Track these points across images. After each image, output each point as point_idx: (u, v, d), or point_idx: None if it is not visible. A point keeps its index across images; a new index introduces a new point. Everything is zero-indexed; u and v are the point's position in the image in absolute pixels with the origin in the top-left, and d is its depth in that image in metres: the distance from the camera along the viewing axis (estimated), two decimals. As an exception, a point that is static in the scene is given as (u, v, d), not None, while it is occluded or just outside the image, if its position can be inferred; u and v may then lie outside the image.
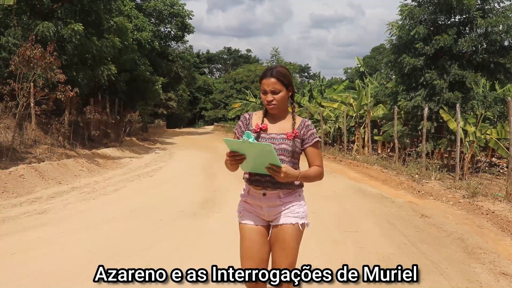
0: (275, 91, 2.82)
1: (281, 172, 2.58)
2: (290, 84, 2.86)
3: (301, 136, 2.88)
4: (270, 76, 2.82)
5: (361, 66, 28.33)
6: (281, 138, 2.84)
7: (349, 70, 62.50)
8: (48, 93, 12.82)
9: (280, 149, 2.80)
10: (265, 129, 2.88)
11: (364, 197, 9.31)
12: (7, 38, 14.68)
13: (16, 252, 5.23)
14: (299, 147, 2.87)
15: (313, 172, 2.85)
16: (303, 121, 2.92)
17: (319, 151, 2.94)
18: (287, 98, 2.90)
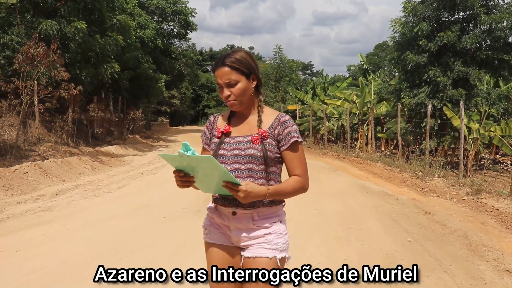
0: (231, 83, 2.24)
1: (240, 190, 2.03)
2: (252, 71, 2.28)
3: (276, 137, 2.27)
4: (222, 65, 2.24)
5: (364, 63, 28.29)
6: (247, 141, 2.27)
7: (352, 67, 62.45)
8: (52, 91, 12.85)
9: (246, 156, 2.23)
10: (228, 132, 2.33)
11: (367, 194, 9.30)
12: (10, 37, 14.72)
13: (21, 249, 5.25)
14: (274, 151, 2.26)
15: (290, 186, 2.21)
16: (278, 117, 2.29)
17: (300, 155, 2.29)
18: (249, 90, 2.29)
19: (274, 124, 2.28)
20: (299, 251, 5.27)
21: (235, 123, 2.36)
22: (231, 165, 2.24)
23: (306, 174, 2.28)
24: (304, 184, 2.27)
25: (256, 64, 2.33)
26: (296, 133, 2.26)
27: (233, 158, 2.25)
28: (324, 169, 13.57)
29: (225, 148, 2.29)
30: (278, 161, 2.30)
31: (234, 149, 2.26)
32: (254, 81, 2.31)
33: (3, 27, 15.27)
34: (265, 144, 2.24)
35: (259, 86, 2.35)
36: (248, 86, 2.27)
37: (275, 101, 28.37)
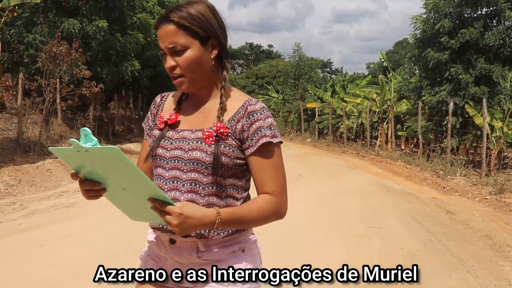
0: (176, 49, 1.49)
1: (172, 214, 1.30)
2: (212, 34, 1.52)
3: (239, 134, 1.51)
4: (165, 20, 1.50)
5: (384, 61, 28.07)
6: (196, 139, 1.51)
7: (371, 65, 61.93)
8: (74, 89, 13.05)
9: (190, 161, 1.49)
10: (173, 123, 1.59)
11: (387, 193, 9.23)
12: (34, 36, 14.97)
13: (45, 244, 5.34)
14: (235, 156, 1.51)
15: (255, 210, 1.47)
16: (245, 105, 1.53)
17: (275, 163, 1.53)
18: (206, 62, 1.53)
19: (237, 114, 1.52)
20: (319, 249, 5.27)
21: (187, 109, 1.63)
22: (169, 171, 1.52)
23: (283, 193, 1.53)
24: (278, 207, 1.51)
25: (221, 23, 1.56)
26: (271, 129, 1.51)
27: (173, 161, 1.52)
28: (344, 167, 13.51)
29: (165, 146, 1.55)
30: (242, 171, 1.56)
31: (175, 148, 1.53)
32: (215, 50, 1.54)
33: (27, 27, 15.53)
34: (221, 145, 1.49)
35: (222, 56, 1.58)
36: (203, 56, 1.51)
37: (294, 99, 28.31)
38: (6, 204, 7.43)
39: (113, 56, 17.56)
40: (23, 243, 5.38)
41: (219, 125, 1.50)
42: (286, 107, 29.18)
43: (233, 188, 1.55)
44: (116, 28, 17.24)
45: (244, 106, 1.53)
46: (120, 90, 20.48)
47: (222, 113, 1.53)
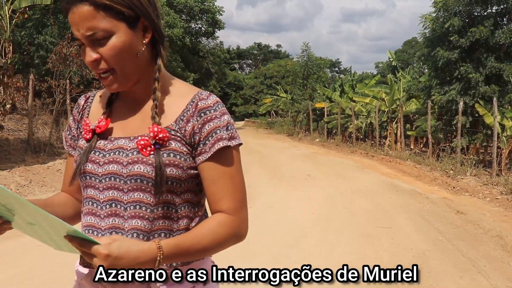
0: (97, 36, 1.13)
1: (98, 255, 1.02)
2: (142, 11, 1.18)
3: (190, 137, 1.21)
4: (78, 0, 1.12)
5: (393, 60, 27.92)
6: (135, 149, 1.19)
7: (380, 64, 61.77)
8: (83, 89, 13.13)
9: (131, 177, 1.17)
10: (103, 131, 1.25)
11: (397, 193, 9.19)
12: (44, 37, 15.11)
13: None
14: (187, 165, 1.21)
15: (209, 235, 1.18)
16: (195, 100, 1.22)
17: (232, 172, 1.23)
18: (139, 48, 1.19)
19: (186, 113, 1.21)
20: (329, 249, 5.26)
21: (120, 111, 1.30)
22: (104, 192, 1.21)
23: (241, 209, 1.24)
24: (235, 229, 1.22)
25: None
26: (228, 130, 1.21)
27: (108, 179, 1.20)
28: (353, 167, 13.47)
29: (96, 159, 1.22)
30: (197, 183, 1.26)
31: (110, 162, 1.20)
32: (147, 33, 1.21)
33: (37, 28, 15.67)
34: (167, 153, 1.18)
35: (157, 41, 1.24)
36: (132, 42, 1.17)
37: (303, 98, 28.26)
38: (17, 204, 7.49)
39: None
40: (34, 243, 5.39)
41: (156, 129, 1.17)
42: (294, 107, 29.14)
43: (189, 206, 1.25)
44: (125, 29, 17.35)
45: (193, 102, 1.21)
46: (129, 91, 20.59)
47: (158, 112, 1.21)
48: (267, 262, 4.66)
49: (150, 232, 1.19)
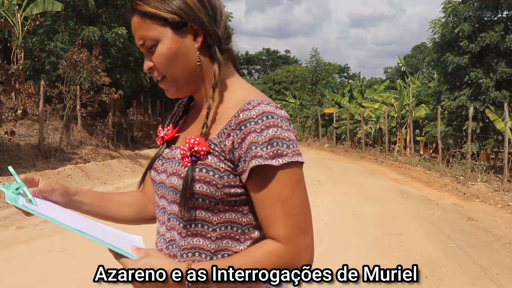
0: (147, 45, 1.15)
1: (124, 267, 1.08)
2: (190, 18, 1.13)
3: (229, 153, 1.09)
4: (131, 12, 1.17)
5: (402, 65, 27.86)
6: (179, 160, 1.14)
7: (389, 69, 61.53)
8: (93, 95, 13.24)
9: (170, 190, 1.15)
10: (170, 139, 1.26)
11: (407, 199, 9.14)
12: (55, 43, 15.25)
13: (66, 250, 5.41)
14: (226, 182, 1.09)
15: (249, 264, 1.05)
16: (239, 111, 1.08)
17: (282, 193, 1.06)
18: (187, 55, 1.15)
19: (228, 125, 1.10)
20: (338, 255, 5.24)
21: (188, 119, 1.29)
22: (160, 199, 1.23)
23: (297, 237, 1.08)
24: (288, 259, 1.07)
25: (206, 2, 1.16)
26: (271, 146, 1.04)
27: (160, 188, 1.21)
28: (362, 173, 13.42)
29: (157, 167, 1.24)
30: (246, 202, 1.12)
31: (162, 172, 1.20)
32: (199, 37, 1.15)
33: (48, 35, 15.83)
34: (198, 168, 1.09)
35: (210, 45, 1.17)
36: (179, 48, 1.14)
37: (312, 104, 28.25)
38: (28, 209, 7.55)
39: (132, 62, 17.77)
40: (45, 248, 5.46)
41: (193, 140, 1.09)
42: (303, 113, 29.14)
43: (232, 227, 1.13)
44: (135, 35, 17.47)
45: (237, 113, 1.08)
46: (139, 96, 20.69)
47: (210, 123, 1.14)
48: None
49: (183, 249, 1.14)
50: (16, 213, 7.21)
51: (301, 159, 1.08)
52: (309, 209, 1.11)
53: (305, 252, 1.09)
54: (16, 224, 6.64)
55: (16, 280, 4.35)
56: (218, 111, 1.15)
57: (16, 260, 4.98)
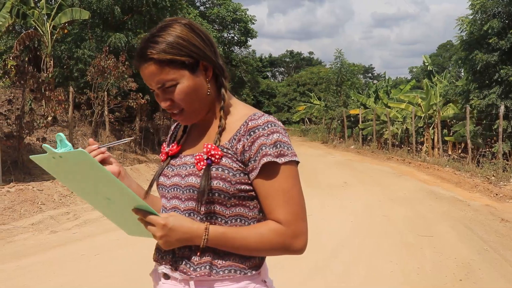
0: (165, 86, 1.31)
1: (156, 224, 1.22)
2: (200, 56, 1.33)
3: (240, 155, 1.31)
4: (143, 59, 1.31)
5: (428, 64, 27.43)
6: (193, 164, 1.34)
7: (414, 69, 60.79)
8: (121, 101, 13.44)
9: (187, 188, 1.32)
10: (175, 153, 1.44)
11: (437, 200, 9.00)
12: (83, 51, 15.55)
13: (99, 253, 5.50)
14: (236, 181, 1.30)
15: (257, 235, 1.28)
16: (247, 120, 1.32)
17: (285, 187, 1.29)
18: (202, 88, 1.35)
19: (238, 133, 1.32)
20: (370, 258, 5.19)
21: (192, 133, 1.48)
22: (170, 201, 1.38)
23: (296, 222, 1.28)
24: (287, 239, 1.28)
25: (205, 39, 1.36)
26: (275, 147, 1.27)
27: (172, 189, 1.38)
28: (390, 174, 13.27)
29: (167, 173, 1.42)
30: (252, 198, 1.34)
31: (175, 175, 1.38)
32: (208, 71, 1.36)
33: (76, 42, 16.15)
34: (218, 168, 1.29)
35: (218, 75, 1.39)
36: (196, 84, 1.33)
37: (337, 105, 28.08)
38: (61, 214, 7.70)
39: (157, 67, 18.00)
40: (78, 252, 5.56)
41: (210, 146, 1.30)
42: (328, 114, 28.98)
43: (241, 220, 1.33)
44: (160, 40, 17.71)
45: (245, 123, 1.32)
46: (165, 101, 20.91)
47: (220, 136, 1.35)
48: (307, 272, 4.63)
49: None
50: (49, 217, 7.38)
51: (297, 159, 1.32)
52: (304, 200, 1.33)
53: (302, 236, 1.29)
54: (50, 228, 6.79)
55: (50, 284, 4.44)
56: (225, 123, 1.37)
57: (50, 264, 5.08)
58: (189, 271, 1.30)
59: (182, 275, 1.31)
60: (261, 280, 1.35)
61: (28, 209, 7.72)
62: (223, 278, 1.29)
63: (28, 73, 10.21)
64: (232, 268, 1.30)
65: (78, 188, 1.32)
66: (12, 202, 7.74)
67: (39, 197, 8.27)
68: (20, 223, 7.03)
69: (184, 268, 1.31)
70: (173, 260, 1.33)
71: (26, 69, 10.24)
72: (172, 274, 1.33)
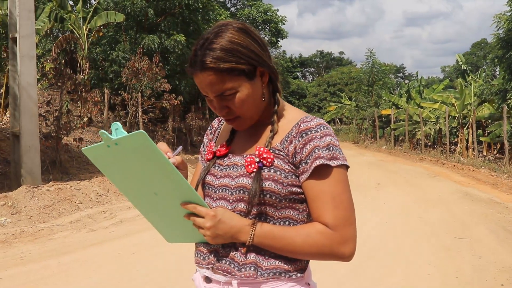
0: (224, 94, 1.29)
1: (206, 215, 1.21)
2: (257, 62, 1.30)
3: (292, 157, 1.30)
4: (201, 68, 1.26)
5: (462, 63, 26.88)
6: (243, 165, 1.33)
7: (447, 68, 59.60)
8: (154, 102, 13.65)
9: (237, 189, 1.31)
10: (223, 154, 1.41)
11: (473, 202, 8.82)
12: (117, 53, 15.88)
13: (136, 252, 5.61)
14: (288, 182, 1.29)
15: (300, 237, 1.25)
16: (299, 122, 1.32)
17: (335, 190, 1.27)
18: (259, 94, 1.34)
19: (290, 135, 1.32)
20: (407, 260, 5.14)
21: (243, 134, 1.44)
22: (216, 201, 1.36)
23: (344, 227, 1.25)
24: (334, 243, 1.25)
25: (261, 43, 1.34)
26: (329, 150, 1.27)
27: (221, 190, 1.35)
28: (423, 175, 13.07)
29: (215, 173, 1.39)
30: (302, 201, 1.33)
31: (225, 176, 1.36)
32: (265, 76, 1.34)
33: (110, 45, 16.49)
34: (266, 170, 1.29)
35: (273, 79, 1.38)
36: (253, 91, 1.31)
37: (368, 106, 27.81)
38: (98, 212, 7.88)
39: (190, 68, 18.23)
40: (116, 251, 5.69)
41: (262, 149, 1.29)
42: (360, 114, 28.74)
43: (289, 223, 1.31)
44: (193, 41, 17.86)
45: (297, 125, 1.31)
46: (197, 102, 21.12)
47: (272, 139, 1.33)
48: (343, 273, 4.62)
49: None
50: (87, 216, 7.56)
51: (348, 164, 1.31)
52: (354, 206, 1.30)
53: (350, 242, 1.26)
54: (88, 227, 6.96)
55: (88, 282, 4.54)
56: (277, 126, 1.36)
57: (88, 262, 5.21)
58: (234, 271, 1.28)
59: (225, 276, 1.30)
60: (305, 283, 1.33)
61: (67, 208, 7.94)
62: (267, 280, 1.28)
63: (65, 75, 10.48)
64: (277, 270, 1.28)
65: (125, 182, 1.25)
66: (51, 201, 7.97)
67: (76, 196, 8.48)
68: (59, 221, 7.23)
69: (228, 268, 1.29)
70: (216, 260, 1.32)
71: (63, 71, 10.52)
72: (214, 276, 1.33)
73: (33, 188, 8.05)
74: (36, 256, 5.43)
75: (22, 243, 6.02)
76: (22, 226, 6.79)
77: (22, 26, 8.67)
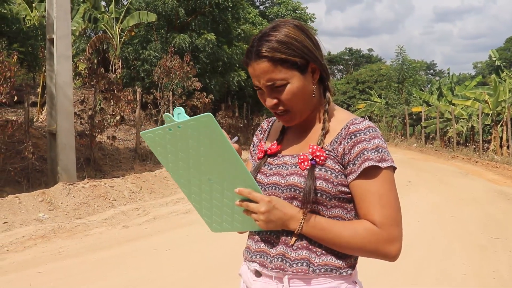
0: (275, 86, 1.34)
1: (261, 201, 1.25)
2: (310, 58, 1.35)
3: (341, 157, 1.34)
4: (257, 56, 1.33)
5: (496, 59, 26.25)
6: (294, 164, 1.38)
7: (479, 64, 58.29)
8: (185, 100, 13.82)
9: (287, 187, 1.35)
10: (274, 152, 1.45)
11: (508, 201, 8.64)
12: (149, 52, 16.13)
13: (170, 249, 5.71)
14: (337, 182, 1.33)
15: (350, 231, 1.29)
16: (349, 124, 1.37)
17: (382, 191, 1.30)
18: (309, 90, 1.38)
19: (339, 136, 1.36)
20: (441, 260, 5.09)
21: (291, 134, 1.49)
22: None
23: (391, 226, 1.28)
24: (381, 241, 1.28)
25: (315, 41, 1.39)
26: (377, 152, 1.30)
27: (270, 188, 1.39)
28: (456, 173, 12.86)
29: (264, 171, 1.44)
30: (350, 201, 1.37)
31: (274, 174, 1.40)
32: (316, 74, 1.38)
33: (142, 44, 16.76)
34: (321, 168, 1.33)
35: (324, 78, 1.42)
36: (304, 85, 1.35)
37: (399, 103, 27.47)
38: (131, 209, 8.05)
39: (219, 67, 18.35)
40: (150, 247, 5.80)
41: (315, 147, 1.34)
42: (389, 112, 28.41)
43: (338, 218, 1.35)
44: (223, 40, 18.01)
45: (346, 126, 1.35)
46: (226, 100, 21.27)
47: (324, 138, 1.37)
48: (377, 271, 4.61)
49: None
50: (121, 213, 7.73)
51: (395, 165, 1.34)
52: (400, 207, 1.33)
53: (396, 242, 1.29)
54: (122, 223, 7.11)
55: (123, 279, 4.64)
56: (328, 127, 1.40)
57: (123, 258, 5.32)
58: (286, 267, 1.32)
59: (277, 271, 1.33)
60: (352, 281, 1.36)
61: (101, 205, 8.13)
62: (318, 276, 1.31)
63: (99, 75, 10.72)
64: (328, 267, 1.32)
65: (179, 167, 1.26)
66: (86, 198, 8.18)
67: (110, 193, 8.67)
68: (95, 217, 7.41)
69: (280, 264, 1.33)
70: (267, 256, 1.36)
71: (97, 70, 10.75)
72: (265, 271, 1.36)
73: (69, 185, 8.27)
74: (74, 251, 5.59)
75: (60, 239, 6.20)
76: (60, 222, 6.99)
77: (59, 27, 8.91)
